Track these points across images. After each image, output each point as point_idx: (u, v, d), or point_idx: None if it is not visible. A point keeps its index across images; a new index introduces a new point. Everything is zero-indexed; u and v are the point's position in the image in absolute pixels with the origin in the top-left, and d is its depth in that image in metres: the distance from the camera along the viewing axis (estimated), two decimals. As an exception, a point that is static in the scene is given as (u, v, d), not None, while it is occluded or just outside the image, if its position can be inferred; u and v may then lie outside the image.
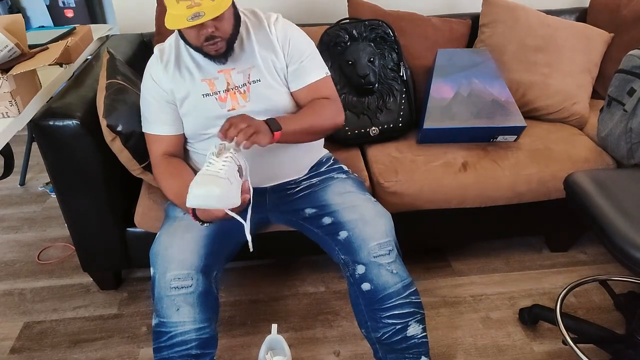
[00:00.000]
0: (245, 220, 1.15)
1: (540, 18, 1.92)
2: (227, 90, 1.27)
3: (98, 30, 2.05)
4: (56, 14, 3.32)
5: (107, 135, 1.35)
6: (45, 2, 3.29)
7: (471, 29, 1.99)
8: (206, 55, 1.23)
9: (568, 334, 1.42)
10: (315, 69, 1.34)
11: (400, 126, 1.76)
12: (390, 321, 1.21)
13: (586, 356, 1.37)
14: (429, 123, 1.66)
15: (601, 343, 1.46)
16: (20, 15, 1.46)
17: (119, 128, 1.34)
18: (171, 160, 1.32)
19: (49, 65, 1.38)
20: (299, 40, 1.33)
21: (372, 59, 1.74)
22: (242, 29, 1.28)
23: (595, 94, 1.96)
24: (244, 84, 1.28)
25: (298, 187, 1.39)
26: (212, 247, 1.24)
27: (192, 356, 1.15)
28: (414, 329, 1.22)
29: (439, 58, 1.80)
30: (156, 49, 1.31)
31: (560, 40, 1.88)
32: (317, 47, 1.39)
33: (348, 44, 1.75)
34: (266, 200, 1.38)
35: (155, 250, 1.23)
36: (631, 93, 1.50)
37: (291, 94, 1.34)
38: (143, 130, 1.34)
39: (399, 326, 1.21)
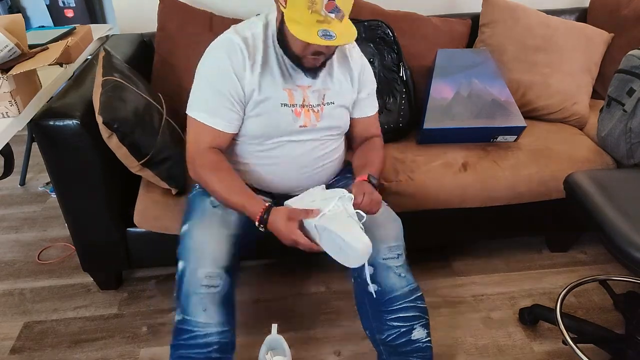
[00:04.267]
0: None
1: (540, 18, 1.92)
2: (303, 105, 1.26)
3: (98, 30, 2.04)
4: (56, 14, 3.31)
5: (104, 132, 1.33)
6: (45, 2, 3.28)
7: (471, 29, 1.99)
8: (300, 65, 1.19)
9: (568, 333, 1.42)
10: (374, 103, 1.41)
11: (400, 126, 1.76)
12: (395, 324, 1.21)
13: (586, 356, 1.37)
14: (429, 123, 1.66)
15: (601, 343, 1.46)
16: (20, 15, 1.46)
17: (116, 125, 1.32)
18: (220, 155, 1.24)
19: (49, 65, 1.37)
20: (370, 70, 1.37)
21: (371, 60, 1.73)
22: None
23: (595, 94, 1.96)
24: (319, 104, 1.27)
25: None
26: (236, 248, 1.21)
27: (211, 359, 1.14)
28: (418, 333, 1.22)
29: (439, 58, 1.80)
30: (238, 37, 1.18)
31: (560, 40, 1.88)
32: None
33: (348, 44, 1.75)
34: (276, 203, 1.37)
35: (187, 244, 1.17)
36: (631, 93, 1.50)
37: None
38: (195, 117, 1.21)
39: (404, 329, 1.21)
